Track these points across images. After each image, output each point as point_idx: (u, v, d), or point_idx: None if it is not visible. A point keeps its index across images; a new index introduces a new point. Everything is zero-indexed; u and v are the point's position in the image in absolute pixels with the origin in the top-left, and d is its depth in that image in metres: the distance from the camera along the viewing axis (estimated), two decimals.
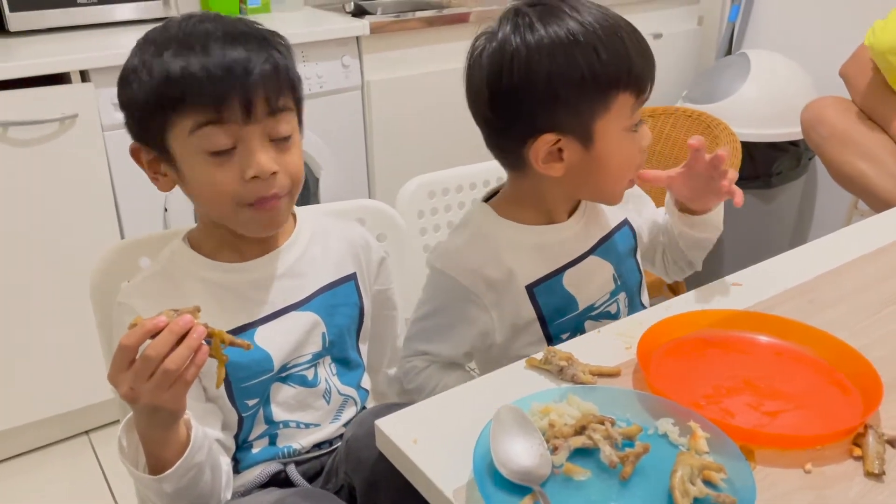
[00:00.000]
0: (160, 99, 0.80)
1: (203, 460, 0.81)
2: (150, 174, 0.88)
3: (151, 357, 0.68)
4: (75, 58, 1.69)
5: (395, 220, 1.19)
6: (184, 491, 0.81)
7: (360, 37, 2.06)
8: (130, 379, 0.69)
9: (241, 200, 0.83)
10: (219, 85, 0.78)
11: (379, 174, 2.22)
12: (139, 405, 0.71)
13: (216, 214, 0.87)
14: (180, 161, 0.84)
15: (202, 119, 0.80)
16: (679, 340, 0.90)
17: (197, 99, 0.79)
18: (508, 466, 0.68)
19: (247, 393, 0.90)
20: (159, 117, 0.81)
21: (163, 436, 0.76)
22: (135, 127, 0.86)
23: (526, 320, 0.99)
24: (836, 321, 0.94)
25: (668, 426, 0.74)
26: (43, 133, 1.67)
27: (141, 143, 0.86)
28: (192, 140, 0.81)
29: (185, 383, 0.71)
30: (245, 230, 0.88)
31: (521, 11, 0.89)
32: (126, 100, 0.84)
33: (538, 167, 0.93)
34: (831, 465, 0.71)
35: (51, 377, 1.83)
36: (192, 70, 0.78)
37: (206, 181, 0.83)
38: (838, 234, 1.20)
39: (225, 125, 0.80)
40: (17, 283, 1.73)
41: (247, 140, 0.81)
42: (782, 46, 2.50)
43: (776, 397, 0.81)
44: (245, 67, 0.79)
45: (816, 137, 2.00)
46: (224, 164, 0.82)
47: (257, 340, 0.90)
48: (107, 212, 1.80)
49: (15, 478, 1.85)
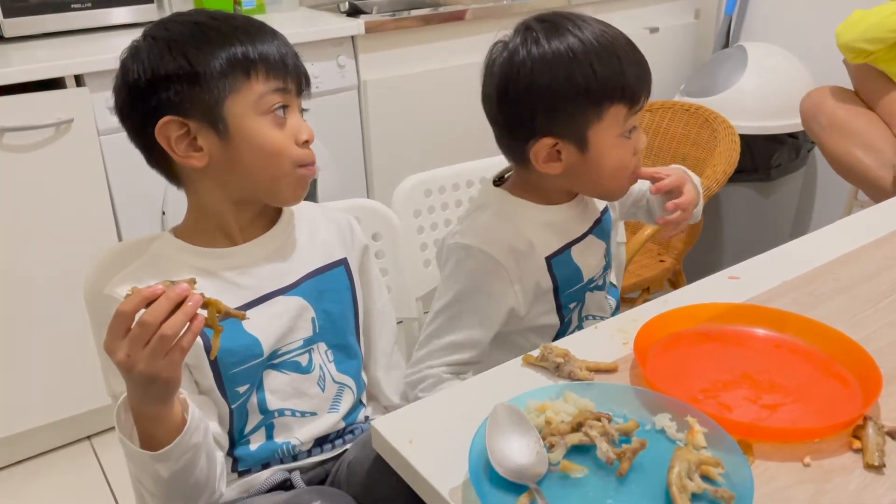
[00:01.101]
0: (232, 64, 0.86)
1: (199, 442, 0.81)
2: (179, 153, 0.87)
3: (148, 323, 0.69)
4: (70, 62, 1.69)
5: (390, 219, 1.18)
6: (180, 475, 0.80)
7: (356, 36, 2.05)
8: (127, 346, 0.69)
9: (296, 160, 0.90)
10: (284, 58, 0.90)
11: (377, 173, 2.22)
12: (135, 373, 0.70)
13: (267, 177, 0.90)
14: (236, 125, 0.87)
15: (271, 86, 0.88)
16: (676, 335, 0.89)
17: (270, 66, 0.88)
18: (504, 465, 0.67)
19: (236, 380, 0.90)
20: (224, 83, 0.86)
21: (158, 411, 0.76)
22: (179, 98, 0.85)
23: (544, 289, 1.07)
24: (836, 313, 0.94)
25: (665, 422, 0.74)
26: (39, 138, 1.67)
27: (183, 116, 0.86)
28: (258, 103, 0.87)
29: (182, 350, 0.71)
30: (286, 194, 0.92)
31: (531, 26, 1.00)
32: (168, 72, 0.85)
33: (539, 166, 1.02)
34: (831, 458, 0.71)
35: (52, 382, 1.83)
36: (263, 42, 0.88)
37: (267, 143, 0.88)
38: (837, 225, 1.20)
39: (287, 93, 0.90)
40: (16, 288, 1.73)
41: (295, 112, 0.92)
42: (779, 38, 2.49)
43: (774, 391, 0.80)
44: (293, 52, 0.92)
45: (816, 127, 1.99)
46: (281, 127, 0.89)
47: (245, 325, 0.90)
48: (104, 216, 1.80)
49: (18, 484, 1.85)
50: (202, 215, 0.93)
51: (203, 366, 0.88)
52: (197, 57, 0.85)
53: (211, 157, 0.88)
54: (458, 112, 2.28)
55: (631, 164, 1.03)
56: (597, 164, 1.01)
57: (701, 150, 2.13)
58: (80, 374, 1.78)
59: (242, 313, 0.76)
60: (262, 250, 0.94)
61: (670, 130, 2.23)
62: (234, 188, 0.91)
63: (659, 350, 0.87)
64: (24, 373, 1.79)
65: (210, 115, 0.86)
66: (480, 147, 2.08)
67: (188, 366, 0.89)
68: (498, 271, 1.03)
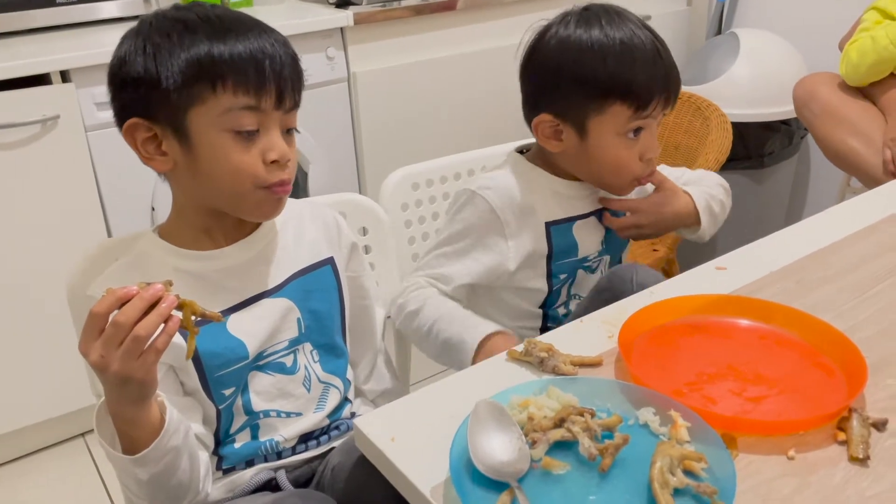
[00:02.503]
0: (197, 75, 0.81)
1: (179, 444, 0.80)
2: (143, 154, 0.86)
3: (121, 323, 0.68)
4: (55, 58, 1.67)
5: (377, 213, 1.17)
6: (161, 477, 0.80)
7: (345, 28, 2.04)
8: (101, 346, 0.69)
9: (259, 182, 0.86)
10: (260, 70, 0.82)
11: (368, 167, 2.21)
12: (109, 374, 0.70)
13: (229, 194, 0.87)
14: (199, 139, 0.83)
15: (240, 102, 0.82)
16: (661, 327, 0.89)
17: (240, 81, 0.82)
18: (485, 462, 0.67)
19: (222, 382, 0.90)
20: (187, 93, 0.82)
21: (135, 413, 0.75)
22: (144, 102, 0.83)
23: (539, 254, 1.13)
24: (823, 302, 0.93)
25: (648, 416, 0.73)
26: (24, 135, 1.66)
27: (147, 119, 0.84)
28: (221, 119, 0.82)
29: (156, 352, 0.70)
30: (251, 213, 0.89)
31: (570, 12, 1.07)
32: (141, 72, 0.82)
33: (539, 139, 1.10)
34: (815, 450, 0.70)
35: (44, 380, 1.82)
36: (237, 51, 0.81)
37: (227, 160, 0.84)
38: (826, 214, 1.19)
39: (259, 111, 0.84)
40: (5, 286, 1.72)
41: (270, 127, 0.85)
42: (772, 24, 2.47)
43: (759, 382, 0.79)
44: (280, 57, 0.84)
45: (808, 114, 1.98)
46: (248, 145, 0.84)
47: (230, 328, 0.89)
48: (93, 213, 1.79)
49: (11, 482, 1.84)
50: (184, 216, 0.92)
51: (188, 367, 0.88)
52: (165, 62, 0.81)
53: (176, 164, 0.86)
54: (451, 103, 2.27)
55: (633, 165, 1.08)
56: (595, 156, 1.07)
57: (693, 138, 2.12)
58: (73, 371, 1.77)
59: (219, 315, 0.75)
60: (248, 252, 0.92)
61: (663, 119, 2.21)
62: (200, 197, 0.89)
63: (644, 343, 0.86)
64: (16, 371, 1.79)
65: (173, 122, 0.83)
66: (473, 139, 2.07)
67: (173, 367, 0.88)
68: (495, 223, 1.10)
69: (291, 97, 0.87)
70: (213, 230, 0.91)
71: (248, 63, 0.82)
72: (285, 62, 0.85)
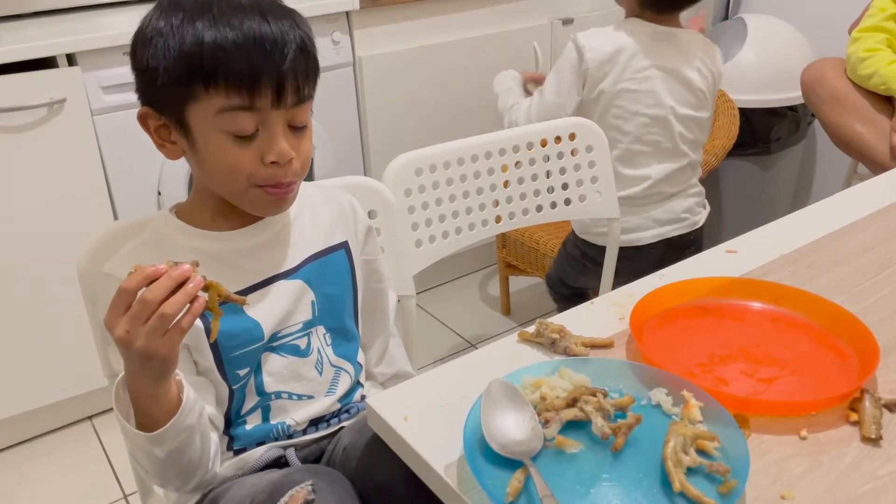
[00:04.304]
0: (190, 71, 0.78)
1: (194, 423, 0.80)
2: (157, 140, 0.87)
3: (149, 300, 0.68)
4: (62, 41, 1.66)
5: (385, 196, 1.17)
6: (174, 455, 0.80)
7: (350, 11, 2.03)
8: (127, 322, 0.69)
9: (255, 182, 0.84)
10: (255, 69, 0.78)
11: (374, 151, 2.20)
12: (133, 350, 0.70)
13: (225, 190, 0.87)
14: (197, 134, 0.83)
15: (233, 103, 0.79)
16: (673, 309, 0.89)
17: (232, 81, 0.78)
18: (499, 441, 0.67)
19: (237, 363, 0.90)
20: (184, 89, 0.80)
21: (154, 390, 0.75)
22: (151, 92, 0.83)
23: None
24: (834, 285, 0.93)
25: (661, 396, 0.73)
26: (31, 119, 1.66)
27: (153, 108, 0.84)
28: (216, 119, 0.80)
29: (181, 331, 0.71)
30: (252, 208, 0.89)
31: None
32: (145, 62, 0.81)
33: None
34: (827, 430, 0.71)
35: (52, 364, 1.83)
36: (228, 47, 0.77)
37: (223, 159, 0.82)
38: (836, 198, 1.19)
39: (254, 110, 0.80)
40: (13, 271, 1.73)
41: (270, 125, 0.82)
42: (780, 10, 2.46)
43: (771, 364, 0.80)
44: (281, 50, 0.79)
45: (815, 99, 1.98)
46: (244, 145, 0.82)
47: (246, 309, 0.89)
48: (100, 196, 1.79)
49: (19, 465, 1.85)
50: (202, 197, 0.92)
51: (203, 347, 0.88)
52: (162, 55, 0.79)
53: (184, 153, 0.86)
54: (456, 88, 2.26)
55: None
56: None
57: None
58: (80, 354, 1.78)
59: (243, 298, 0.76)
60: (263, 234, 0.92)
61: None
62: (204, 188, 0.90)
63: (655, 325, 0.86)
64: (24, 354, 1.80)
65: (175, 116, 0.83)
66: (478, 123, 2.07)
67: (188, 346, 0.89)
68: (577, 65, 1.52)
69: (295, 93, 0.81)
70: (229, 212, 0.91)
71: (242, 60, 0.77)
72: (288, 53, 0.79)
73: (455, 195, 1.32)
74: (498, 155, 1.34)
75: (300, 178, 0.88)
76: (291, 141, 0.84)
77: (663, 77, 1.58)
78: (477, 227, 1.36)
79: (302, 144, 0.86)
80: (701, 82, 1.62)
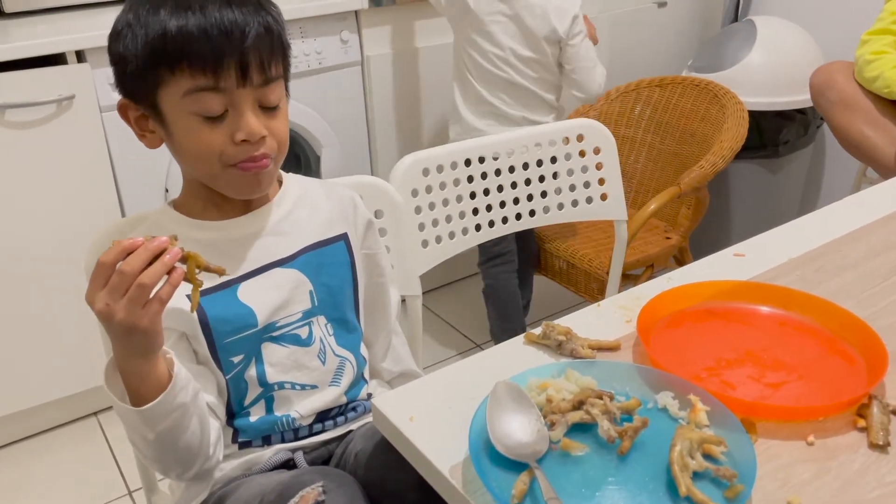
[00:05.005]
0: (155, 57, 0.80)
1: (188, 402, 0.80)
2: (137, 131, 0.89)
3: (126, 272, 0.69)
4: (71, 38, 1.67)
5: (392, 196, 1.17)
6: (169, 435, 0.80)
7: (359, 11, 2.03)
8: (106, 295, 0.70)
9: (228, 161, 0.85)
10: (216, 49, 0.80)
11: (381, 151, 2.20)
12: (114, 323, 0.70)
13: (202, 174, 0.88)
14: (170, 119, 0.85)
15: (198, 84, 0.81)
16: (680, 312, 0.89)
17: (194, 62, 0.80)
18: (504, 443, 0.67)
19: (230, 349, 0.90)
20: (152, 75, 0.82)
21: (141, 366, 0.75)
22: (125, 83, 0.86)
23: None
24: (842, 290, 0.93)
25: (667, 400, 0.73)
26: (40, 115, 1.66)
27: (130, 99, 0.86)
28: (184, 102, 0.82)
29: (160, 302, 0.71)
30: (229, 191, 0.89)
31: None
32: (117, 55, 0.84)
33: None
34: (835, 436, 0.70)
35: (58, 359, 1.83)
36: (189, 30, 0.79)
37: (195, 141, 0.84)
38: (845, 203, 1.18)
39: (219, 90, 0.81)
40: (19, 266, 1.73)
41: (238, 104, 0.83)
42: (789, 12, 2.45)
43: (779, 368, 0.79)
44: (242, 31, 0.81)
45: (824, 102, 1.97)
46: (215, 126, 0.83)
47: (240, 296, 0.90)
48: (107, 193, 1.79)
49: (24, 460, 1.86)
50: (191, 187, 0.93)
51: (198, 334, 0.88)
52: (131, 44, 0.81)
53: (162, 141, 0.88)
54: None
55: None
56: None
57: (709, 126, 2.11)
58: (86, 350, 1.79)
59: (222, 268, 0.76)
60: (258, 223, 0.93)
61: (679, 106, 2.20)
62: (192, 179, 0.91)
63: (662, 328, 0.86)
64: (30, 349, 1.80)
65: (149, 103, 0.85)
66: None
67: (185, 335, 0.89)
68: None
69: (261, 72, 0.83)
70: (221, 202, 0.92)
71: (203, 41, 0.79)
72: (250, 33, 0.81)
73: (462, 196, 1.32)
74: (505, 156, 1.34)
75: (278, 157, 0.89)
76: (263, 120, 0.85)
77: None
78: (484, 228, 1.36)
79: (275, 124, 0.87)
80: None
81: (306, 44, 1.96)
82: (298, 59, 1.95)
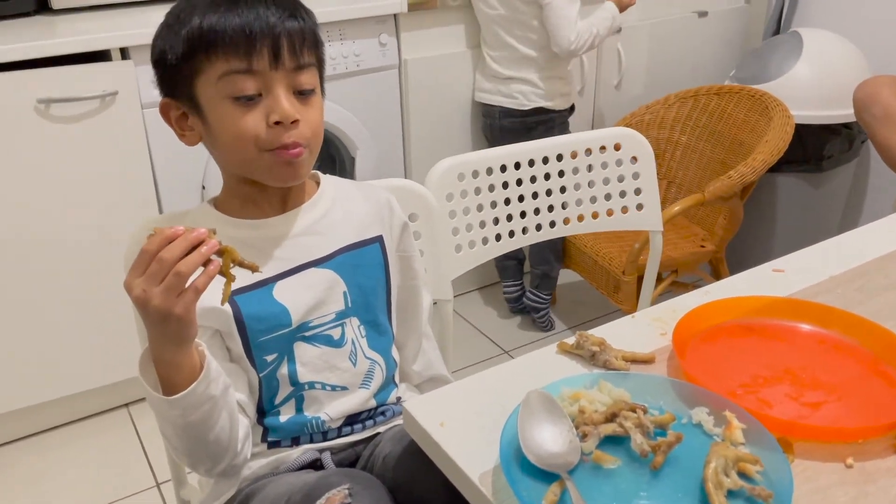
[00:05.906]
0: (192, 46, 0.84)
1: (217, 395, 0.81)
2: (178, 130, 0.92)
3: (165, 259, 0.71)
4: (116, 35, 1.70)
5: (427, 199, 1.17)
6: (199, 427, 0.81)
7: (398, 14, 2.04)
8: (144, 281, 0.72)
9: (263, 145, 0.86)
10: (249, 34, 0.83)
11: (416, 154, 2.21)
12: (150, 309, 0.72)
13: (238, 160, 0.89)
14: (207, 109, 0.87)
15: (232, 66, 0.84)
16: (716, 327, 0.87)
17: (228, 46, 0.83)
18: (536, 452, 0.66)
19: (264, 348, 0.91)
20: (189, 66, 0.85)
21: (174, 355, 0.77)
22: (165, 80, 0.89)
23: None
24: (885, 310, 0.90)
25: (702, 415, 0.72)
26: (84, 110, 1.69)
27: (170, 97, 0.89)
28: (219, 85, 0.85)
29: (196, 291, 0.73)
30: (265, 177, 0.90)
31: None
32: (158, 54, 0.88)
33: None
34: (874, 459, 0.69)
35: (92, 350, 1.87)
36: (223, 21, 0.83)
37: (231, 126, 0.86)
38: (888, 220, 1.16)
39: (253, 73, 0.84)
40: (57, 258, 1.77)
41: (272, 88, 0.86)
42: (834, 24, 2.41)
43: (817, 388, 0.78)
44: (275, 18, 0.85)
45: (868, 117, 1.93)
46: (249, 109, 0.86)
47: (275, 295, 0.91)
48: (146, 188, 1.82)
49: (55, 448, 1.90)
50: (229, 186, 0.95)
51: (233, 331, 0.89)
52: (171, 41, 0.85)
53: (201, 137, 0.90)
54: None
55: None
56: None
57: (755, 136, 2.08)
58: (120, 343, 1.82)
59: (256, 265, 0.77)
60: (295, 223, 0.94)
61: (733, 115, 2.19)
62: (227, 167, 0.93)
63: (698, 342, 0.85)
64: (66, 341, 1.83)
65: (188, 97, 0.87)
66: None
67: (219, 332, 0.90)
68: None
69: (293, 56, 0.86)
70: (259, 200, 0.93)
71: (237, 28, 0.83)
72: (279, 20, 0.85)
73: (497, 202, 1.31)
74: (541, 163, 1.33)
75: (312, 147, 0.90)
76: (296, 106, 0.87)
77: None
78: (517, 234, 1.35)
79: (309, 112, 0.89)
80: None
81: (345, 46, 1.97)
82: (336, 60, 1.97)
